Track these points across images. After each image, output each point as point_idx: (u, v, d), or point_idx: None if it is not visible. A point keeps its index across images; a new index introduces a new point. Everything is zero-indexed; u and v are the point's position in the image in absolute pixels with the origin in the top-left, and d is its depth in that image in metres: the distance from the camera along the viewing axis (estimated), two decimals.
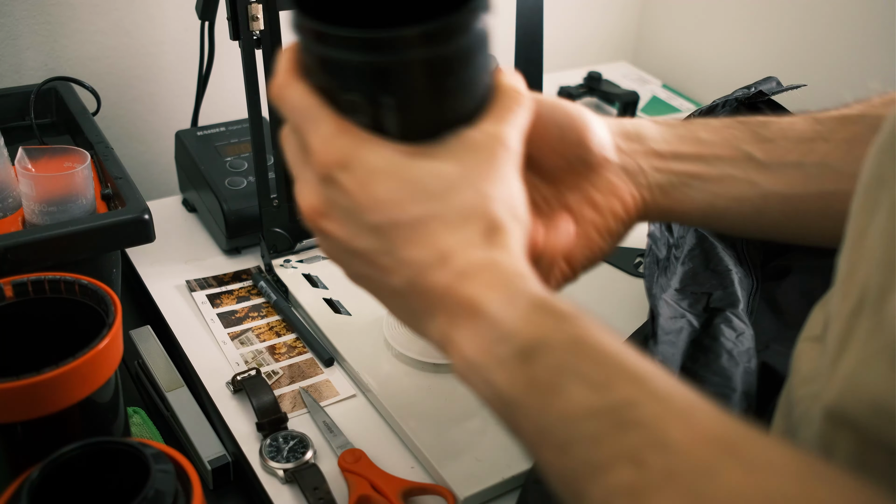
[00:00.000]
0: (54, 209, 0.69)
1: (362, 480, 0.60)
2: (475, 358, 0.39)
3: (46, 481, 0.44)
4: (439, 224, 0.40)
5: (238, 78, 0.79)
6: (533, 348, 0.37)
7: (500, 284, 0.39)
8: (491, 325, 0.38)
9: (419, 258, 0.40)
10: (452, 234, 0.40)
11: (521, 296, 0.39)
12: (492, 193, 0.41)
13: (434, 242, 0.40)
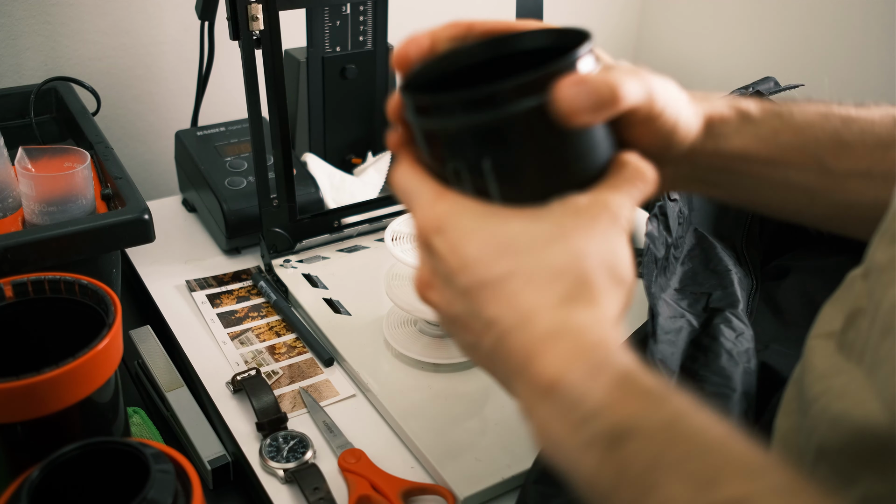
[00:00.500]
0: (54, 209, 0.69)
1: (362, 480, 0.60)
2: (558, 436, 0.36)
3: (46, 481, 0.44)
4: (523, 282, 0.38)
5: (238, 78, 0.79)
6: (621, 433, 0.34)
7: (582, 354, 0.36)
8: (572, 402, 0.35)
9: (502, 318, 0.38)
10: (535, 294, 0.38)
11: (605, 369, 0.35)
12: (587, 251, 0.38)
13: (516, 302, 0.38)
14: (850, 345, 0.39)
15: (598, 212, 0.39)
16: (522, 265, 0.38)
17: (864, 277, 0.40)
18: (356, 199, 0.90)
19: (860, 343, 0.38)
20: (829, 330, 0.41)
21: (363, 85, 0.96)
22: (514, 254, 0.39)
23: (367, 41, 0.94)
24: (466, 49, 0.46)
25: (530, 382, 0.37)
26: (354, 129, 0.99)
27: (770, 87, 0.75)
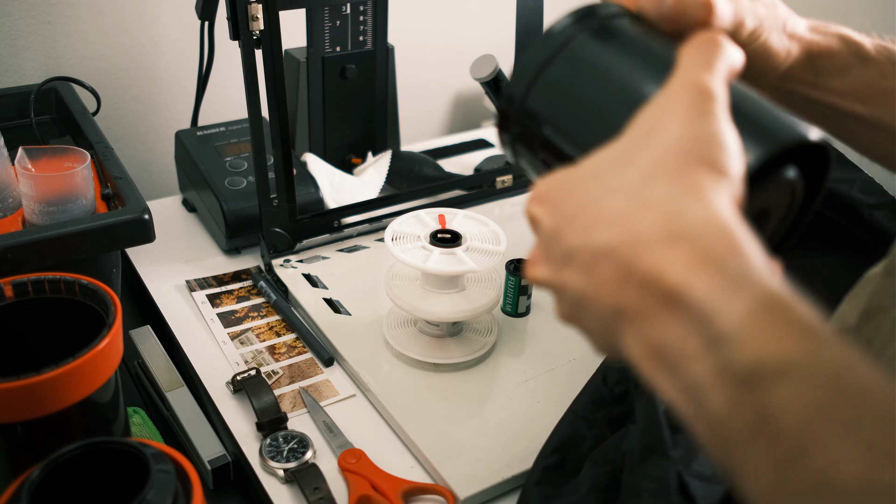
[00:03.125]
0: (54, 209, 0.69)
1: (362, 480, 0.60)
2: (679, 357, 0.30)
3: (46, 481, 0.44)
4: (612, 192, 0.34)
5: (238, 78, 0.79)
6: (769, 371, 0.28)
7: (710, 260, 0.30)
8: (703, 315, 0.30)
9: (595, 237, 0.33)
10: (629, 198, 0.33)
11: (744, 284, 0.30)
12: (671, 141, 0.33)
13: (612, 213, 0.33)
14: (867, 342, 0.39)
15: (675, 92, 0.34)
16: (609, 180, 0.34)
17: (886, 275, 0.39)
18: (356, 199, 0.90)
19: (879, 342, 0.38)
20: (843, 326, 0.41)
21: (363, 85, 0.96)
22: (597, 175, 0.35)
23: (367, 41, 0.94)
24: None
25: (644, 291, 0.31)
26: (354, 129, 0.99)
27: None
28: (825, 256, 0.66)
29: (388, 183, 0.96)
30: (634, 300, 0.32)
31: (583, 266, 0.34)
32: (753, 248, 0.31)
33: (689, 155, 0.32)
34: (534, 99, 0.41)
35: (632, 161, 0.34)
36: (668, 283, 0.30)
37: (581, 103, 0.39)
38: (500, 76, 0.94)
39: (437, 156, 1.06)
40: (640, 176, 0.33)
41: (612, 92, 0.38)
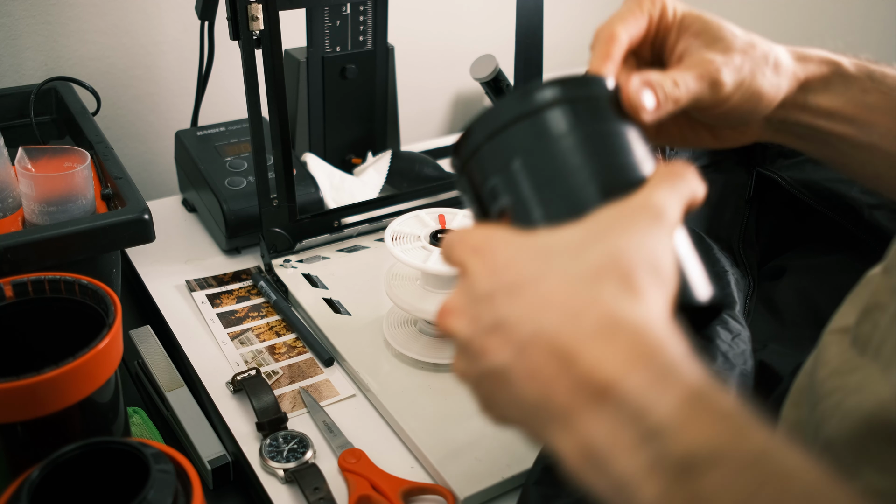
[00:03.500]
0: (54, 209, 0.69)
1: (362, 480, 0.60)
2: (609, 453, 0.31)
3: (46, 481, 0.44)
4: (560, 279, 0.34)
5: (238, 78, 0.79)
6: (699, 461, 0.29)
7: (643, 356, 0.32)
8: (634, 411, 0.30)
9: (540, 318, 0.34)
10: (578, 289, 0.34)
11: (673, 378, 0.31)
12: (628, 248, 0.35)
13: (556, 299, 0.34)
14: (866, 339, 0.39)
15: (637, 209, 0.36)
16: (559, 264, 0.35)
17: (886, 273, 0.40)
18: (356, 199, 0.90)
19: (877, 338, 0.38)
20: (843, 325, 0.42)
21: (363, 85, 0.96)
22: (547, 255, 0.35)
23: (367, 41, 0.94)
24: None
25: (578, 385, 0.32)
26: (354, 129, 0.99)
27: None
28: (826, 256, 0.66)
29: (388, 183, 0.96)
30: (567, 393, 0.32)
31: (517, 343, 0.34)
32: (681, 347, 0.33)
33: (640, 263, 0.34)
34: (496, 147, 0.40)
35: (586, 254, 0.35)
36: (602, 378, 0.31)
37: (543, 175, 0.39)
38: (500, 76, 0.94)
39: (437, 156, 1.06)
40: (591, 271, 0.34)
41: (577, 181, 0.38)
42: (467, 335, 0.36)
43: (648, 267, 0.34)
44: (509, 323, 0.34)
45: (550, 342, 0.33)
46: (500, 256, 0.36)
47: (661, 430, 0.30)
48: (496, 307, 0.35)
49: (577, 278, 0.34)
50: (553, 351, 0.33)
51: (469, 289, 0.37)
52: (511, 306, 0.34)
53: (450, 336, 0.37)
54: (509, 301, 0.35)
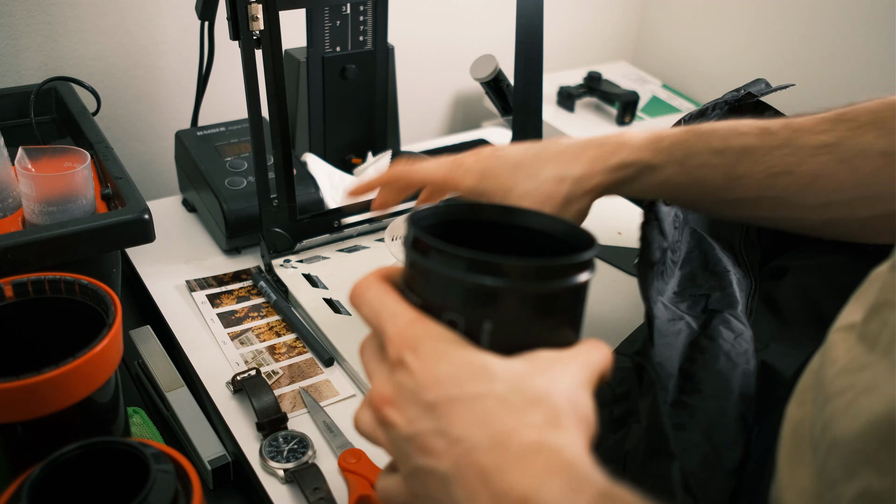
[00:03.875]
0: (54, 209, 0.69)
1: (362, 480, 0.60)
2: None
3: (46, 481, 0.44)
4: (497, 403, 0.39)
5: (238, 78, 0.79)
6: None
7: (560, 469, 0.37)
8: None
9: (472, 436, 0.38)
10: (511, 415, 0.39)
11: (586, 486, 0.36)
12: (560, 386, 0.40)
13: (490, 420, 0.38)
14: (875, 336, 0.39)
15: (572, 359, 0.42)
16: (497, 388, 0.39)
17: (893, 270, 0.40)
18: (356, 199, 0.90)
19: (887, 335, 0.38)
20: (850, 322, 0.42)
21: (363, 85, 0.96)
22: (489, 378, 0.40)
23: (367, 41, 0.94)
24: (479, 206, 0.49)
25: (498, 495, 0.36)
26: (354, 129, 0.99)
27: (761, 89, 0.75)
28: (826, 256, 0.66)
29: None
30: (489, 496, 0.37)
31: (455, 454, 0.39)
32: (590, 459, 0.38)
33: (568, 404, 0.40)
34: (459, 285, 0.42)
35: (523, 386, 0.40)
36: (521, 494, 0.36)
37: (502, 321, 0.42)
38: (500, 76, 0.94)
39: (437, 156, 1.06)
40: (526, 401, 0.39)
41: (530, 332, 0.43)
42: (408, 433, 0.40)
43: (574, 408, 0.40)
44: (450, 434, 0.39)
45: (478, 461, 0.38)
46: (441, 364, 0.40)
47: None
48: (438, 417, 0.39)
49: (512, 405, 0.39)
50: (479, 470, 0.38)
51: (409, 390, 0.41)
52: (452, 421, 0.39)
53: (386, 424, 0.42)
54: (450, 415, 0.39)
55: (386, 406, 0.42)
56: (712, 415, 0.53)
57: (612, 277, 0.83)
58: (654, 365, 0.56)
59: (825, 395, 0.40)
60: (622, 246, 0.88)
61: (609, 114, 1.22)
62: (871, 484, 0.35)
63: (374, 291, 0.45)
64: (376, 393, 0.42)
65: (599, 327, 0.74)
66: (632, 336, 0.65)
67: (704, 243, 0.70)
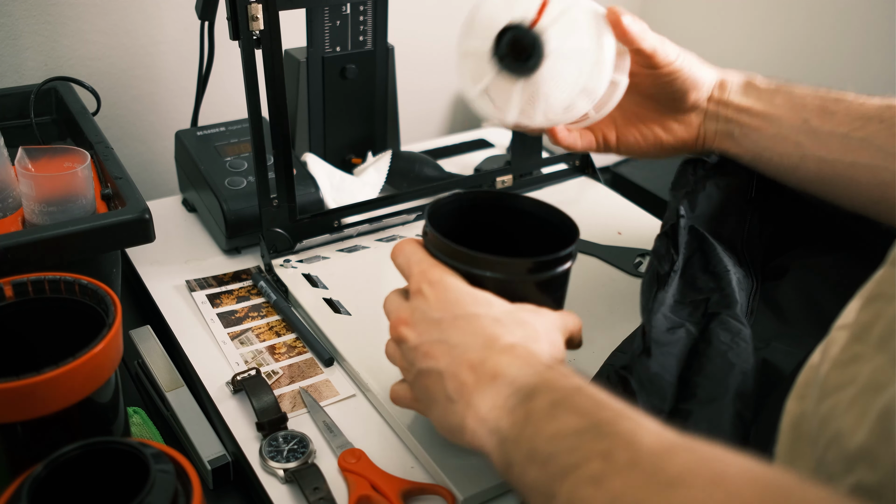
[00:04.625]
0: (54, 209, 0.69)
1: (362, 480, 0.60)
2: (488, 413, 0.47)
3: (46, 481, 0.44)
4: (492, 321, 0.51)
5: (238, 78, 0.79)
6: (537, 389, 0.45)
7: (525, 357, 0.48)
8: (508, 383, 0.47)
9: (465, 341, 0.50)
10: (501, 328, 0.50)
11: (538, 362, 0.48)
12: (542, 322, 0.53)
13: (483, 332, 0.50)
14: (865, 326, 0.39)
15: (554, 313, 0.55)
16: (493, 311, 0.52)
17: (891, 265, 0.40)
18: (356, 199, 0.90)
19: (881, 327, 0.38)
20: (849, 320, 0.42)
21: (363, 85, 0.96)
22: (488, 304, 0.52)
23: (367, 41, 0.94)
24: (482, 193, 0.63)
25: (480, 375, 0.48)
26: (354, 129, 0.99)
27: None
28: (827, 255, 0.66)
29: (388, 183, 0.96)
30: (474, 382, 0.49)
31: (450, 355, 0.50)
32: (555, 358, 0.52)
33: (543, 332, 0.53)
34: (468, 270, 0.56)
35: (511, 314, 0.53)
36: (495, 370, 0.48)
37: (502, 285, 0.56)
38: None
39: (437, 156, 1.06)
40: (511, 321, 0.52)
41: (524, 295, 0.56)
42: (415, 343, 0.52)
43: (549, 340, 0.52)
44: (448, 342, 0.51)
45: (468, 358, 0.50)
46: (450, 293, 0.53)
47: (520, 387, 0.46)
48: (442, 329, 0.51)
49: (503, 322, 0.51)
50: (468, 364, 0.49)
51: (422, 311, 0.53)
52: (452, 331, 0.51)
53: (401, 339, 0.54)
54: (451, 327, 0.51)
55: (401, 325, 0.53)
56: (707, 418, 0.53)
57: (612, 277, 0.83)
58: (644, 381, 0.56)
59: (821, 390, 0.40)
60: (622, 246, 0.88)
61: None
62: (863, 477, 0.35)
63: (410, 246, 0.57)
64: (394, 316, 0.55)
65: (598, 327, 0.74)
66: (622, 346, 0.65)
67: (706, 244, 0.70)
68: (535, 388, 0.45)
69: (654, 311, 0.61)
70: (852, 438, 0.36)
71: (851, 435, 0.36)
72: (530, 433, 0.43)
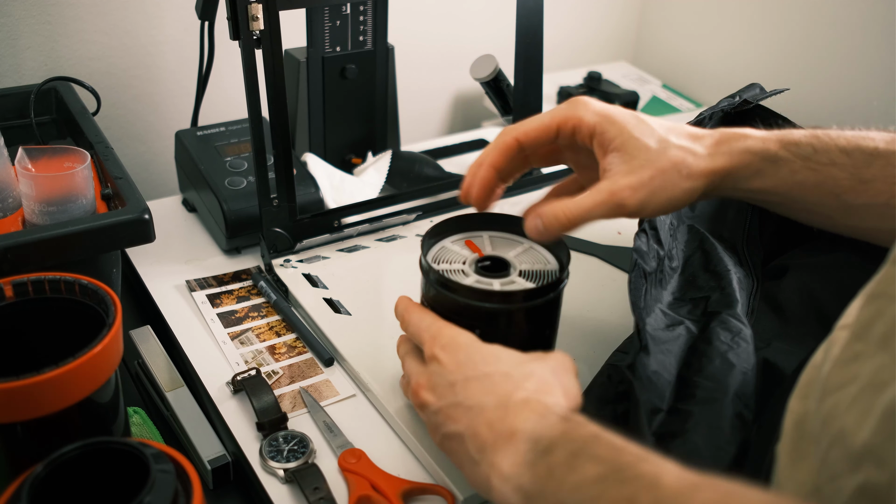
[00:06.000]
0: (54, 209, 0.69)
1: (362, 480, 0.60)
2: (510, 470, 0.47)
3: (46, 481, 0.44)
4: (503, 378, 0.52)
5: (238, 78, 0.79)
6: (554, 442, 0.46)
7: (540, 411, 0.49)
8: (525, 439, 0.47)
9: (480, 402, 0.51)
10: (513, 384, 0.51)
11: (553, 413, 0.48)
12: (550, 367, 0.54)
13: (495, 390, 0.51)
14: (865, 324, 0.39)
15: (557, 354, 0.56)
16: (502, 367, 0.53)
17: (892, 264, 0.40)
18: (356, 199, 0.90)
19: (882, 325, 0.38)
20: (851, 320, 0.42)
21: (363, 85, 0.96)
22: (496, 360, 0.53)
23: (367, 41, 0.94)
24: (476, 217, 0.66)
25: (498, 434, 0.49)
26: (354, 129, 0.99)
27: (756, 94, 0.74)
28: (828, 255, 0.66)
29: (388, 183, 0.96)
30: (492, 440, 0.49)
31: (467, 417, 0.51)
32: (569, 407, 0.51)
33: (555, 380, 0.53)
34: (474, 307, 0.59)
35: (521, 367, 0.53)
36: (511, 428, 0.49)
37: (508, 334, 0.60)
38: (500, 76, 0.94)
39: (437, 156, 1.06)
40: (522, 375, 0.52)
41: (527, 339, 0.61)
42: (436, 408, 0.54)
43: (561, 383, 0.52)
44: (464, 404, 0.52)
45: (486, 419, 0.50)
46: (461, 355, 0.54)
47: (537, 441, 0.47)
48: (456, 392, 0.53)
49: (512, 378, 0.52)
50: (486, 424, 0.50)
51: (438, 375, 0.54)
52: (465, 393, 0.52)
53: (422, 405, 0.55)
54: (464, 389, 0.52)
55: (422, 391, 0.55)
56: (707, 419, 0.53)
57: (612, 277, 0.83)
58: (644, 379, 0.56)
59: (823, 389, 0.40)
60: (622, 246, 0.88)
61: None
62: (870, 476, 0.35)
63: (415, 314, 0.59)
64: (414, 381, 0.56)
65: (598, 327, 0.74)
66: (623, 346, 0.65)
67: (707, 243, 0.70)
68: (552, 442, 0.46)
69: (649, 309, 0.61)
70: (856, 437, 0.36)
71: (855, 433, 0.36)
72: (553, 487, 0.44)
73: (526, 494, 0.46)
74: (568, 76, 1.29)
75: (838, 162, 0.56)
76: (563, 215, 0.57)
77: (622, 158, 0.56)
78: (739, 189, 0.58)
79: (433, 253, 0.65)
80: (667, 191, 0.56)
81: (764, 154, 0.57)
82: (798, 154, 0.57)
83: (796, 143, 0.57)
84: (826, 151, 0.56)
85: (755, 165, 0.57)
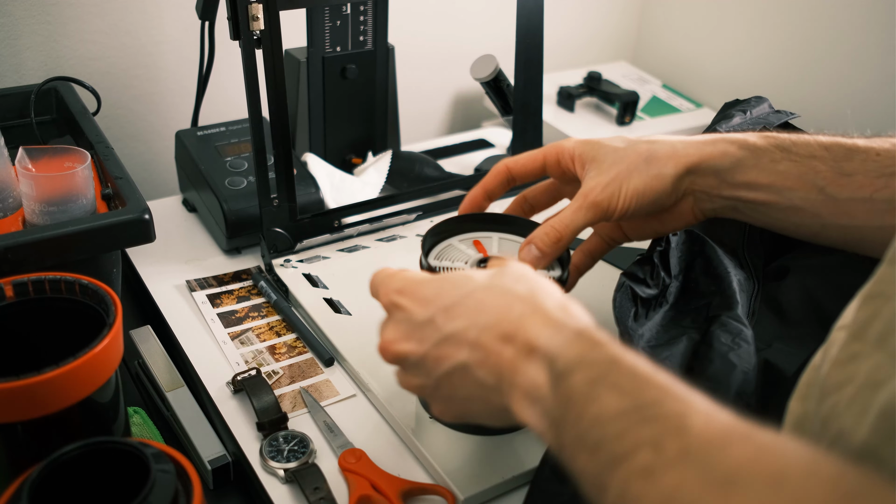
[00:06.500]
0: (54, 209, 0.69)
1: (362, 480, 0.60)
2: (535, 392, 0.44)
3: (46, 481, 0.44)
4: (483, 294, 0.48)
5: (238, 78, 0.79)
6: (571, 366, 0.42)
7: (550, 322, 0.45)
8: (542, 356, 0.44)
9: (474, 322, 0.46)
10: (502, 296, 0.47)
11: (567, 328, 0.44)
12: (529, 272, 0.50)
13: (486, 307, 0.47)
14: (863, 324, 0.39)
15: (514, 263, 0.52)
16: (478, 287, 0.48)
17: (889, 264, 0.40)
18: (356, 199, 0.90)
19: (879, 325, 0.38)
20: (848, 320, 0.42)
21: (363, 85, 0.96)
22: (470, 280, 0.49)
23: (367, 41, 0.94)
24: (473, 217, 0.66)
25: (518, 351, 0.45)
26: (354, 129, 0.99)
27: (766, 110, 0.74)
28: (828, 256, 0.66)
29: (388, 183, 0.96)
30: (512, 359, 0.45)
31: (469, 342, 0.46)
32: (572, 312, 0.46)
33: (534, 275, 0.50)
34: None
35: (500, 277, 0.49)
36: (532, 340, 0.44)
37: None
38: (500, 76, 0.94)
39: (437, 156, 1.06)
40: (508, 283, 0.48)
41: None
42: (420, 352, 0.48)
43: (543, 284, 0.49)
44: (456, 332, 0.47)
45: (495, 330, 0.46)
46: (426, 288, 0.49)
47: (554, 359, 0.43)
48: (439, 326, 0.47)
49: (498, 287, 0.48)
50: (500, 334, 0.45)
51: (406, 321, 0.49)
52: (452, 321, 0.47)
53: (400, 359, 0.50)
54: (448, 318, 0.47)
55: (390, 346, 0.50)
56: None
57: (612, 277, 0.83)
58: None
59: (822, 390, 0.40)
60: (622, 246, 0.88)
61: (609, 114, 1.22)
62: None
63: (378, 275, 0.54)
64: (380, 342, 0.51)
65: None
66: None
67: (707, 247, 0.70)
68: (569, 365, 0.42)
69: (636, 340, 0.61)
70: (855, 437, 0.36)
71: (853, 433, 0.36)
72: (574, 416, 0.40)
73: (553, 421, 0.42)
74: (568, 76, 1.29)
75: (818, 155, 0.57)
76: (553, 231, 0.60)
77: (594, 166, 0.61)
78: (725, 183, 0.60)
79: (438, 250, 0.65)
80: (633, 179, 0.59)
81: (743, 143, 0.59)
82: (778, 145, 0.59)
83: (775, 137, 0.60)
84: (805, 145, 0.58)
85: (734, 154, 0.59)
